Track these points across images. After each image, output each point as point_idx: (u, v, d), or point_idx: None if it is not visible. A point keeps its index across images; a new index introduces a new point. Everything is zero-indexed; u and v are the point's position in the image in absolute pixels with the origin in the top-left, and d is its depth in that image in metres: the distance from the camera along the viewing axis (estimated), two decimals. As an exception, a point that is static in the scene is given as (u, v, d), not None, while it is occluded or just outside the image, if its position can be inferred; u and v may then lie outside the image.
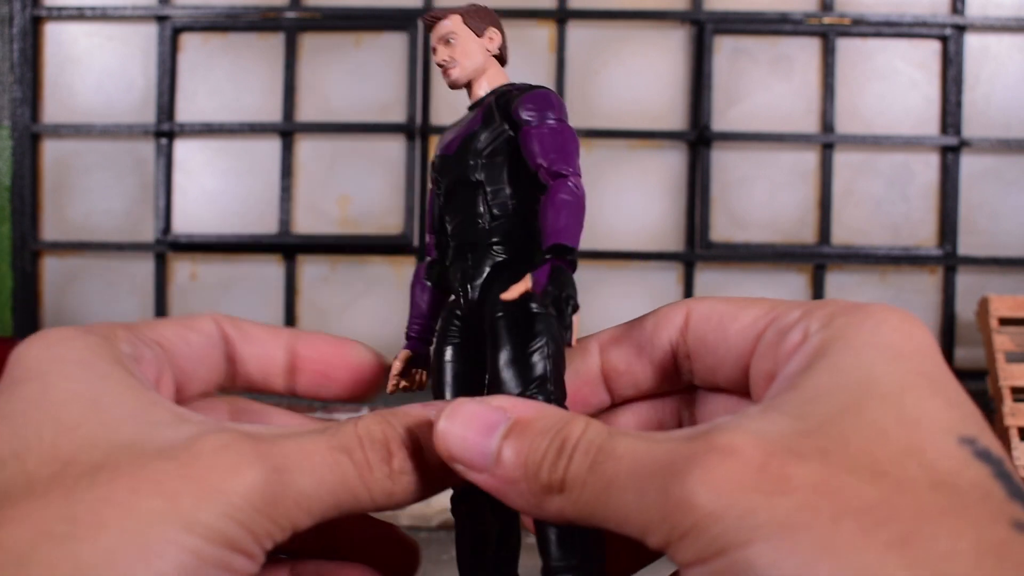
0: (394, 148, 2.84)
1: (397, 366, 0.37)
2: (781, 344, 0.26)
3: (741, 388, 0.28)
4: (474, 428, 0.25)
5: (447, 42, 0.39)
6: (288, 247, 2.86)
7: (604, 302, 2.90)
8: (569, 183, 0.34)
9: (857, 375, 0.23)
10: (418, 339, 0.38)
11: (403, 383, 0.37)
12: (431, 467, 0.26)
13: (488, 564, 0.32)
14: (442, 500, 2.58)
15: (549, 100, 0.37)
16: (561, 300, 0.30)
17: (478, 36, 0.39)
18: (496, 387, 0.32)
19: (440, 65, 0.40)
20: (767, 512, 0.20)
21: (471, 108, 0.39)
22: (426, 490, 0.27)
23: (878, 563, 0.19)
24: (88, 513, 0.21)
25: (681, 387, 0.31)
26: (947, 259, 2.84)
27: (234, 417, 0.33)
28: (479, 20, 0.39)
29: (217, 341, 0.34)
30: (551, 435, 0.24)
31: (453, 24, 0.39)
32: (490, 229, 0.34)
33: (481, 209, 0.34)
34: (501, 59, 0.41)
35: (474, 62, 0.39)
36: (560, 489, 0.23)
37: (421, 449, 0.26)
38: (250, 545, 0.23)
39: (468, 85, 0.40)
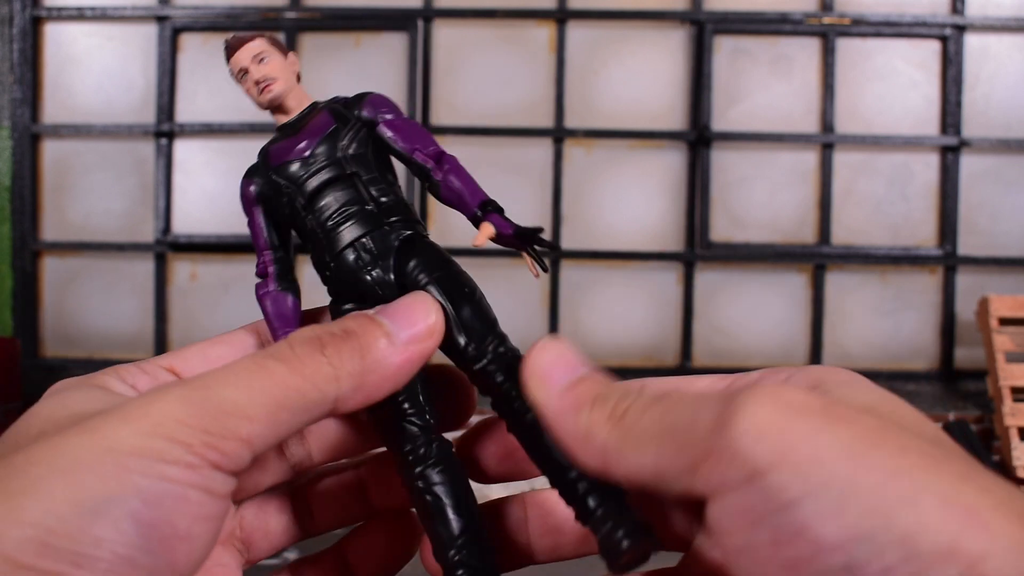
0: (394, 148, 2.84)
1: None
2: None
3: None
4: (564, 361, 0.27)
5: (260, 60, 0.40)
6: (288, 247, 2.86)
7: (604, 302, 2.90)
8: (453, 157, 0.37)
9: (858, 394, 0.24)
10: None
11: None
12: (374, 357, 0.27)
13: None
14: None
15: (391, 100, 0.40)
16: (533, 235, 0.33)
17: (284, 56, 0.41)
18: (462, 334, 0.33)
19: (258, 82, 0.40)
20: (830, 435, 0.20)
21: (291, 125, 0.40)
22: (372, 377, 0.27)
23: (953, 488, 0.19)
24: (22, 462, 0.23)
25: None
26: (947, 259, 2.84)
27: None
28: (280, 43, 0.41)
29: (249, 349, 0.33)
30: (629, 384, 0.26)
31: (261, 45, 0.40)
32: (380, 211, 0.36)
33: (365, 196, 0.36)
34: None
35: (288, 79, 0.41)
36: (621, 417, 0.24)
37: (360, 344, 0.27)
38: (184, 455, 0.23)
39: (279, 104, 0.41)
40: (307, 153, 0.37)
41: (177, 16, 2.83)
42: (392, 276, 0.35)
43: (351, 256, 0.35)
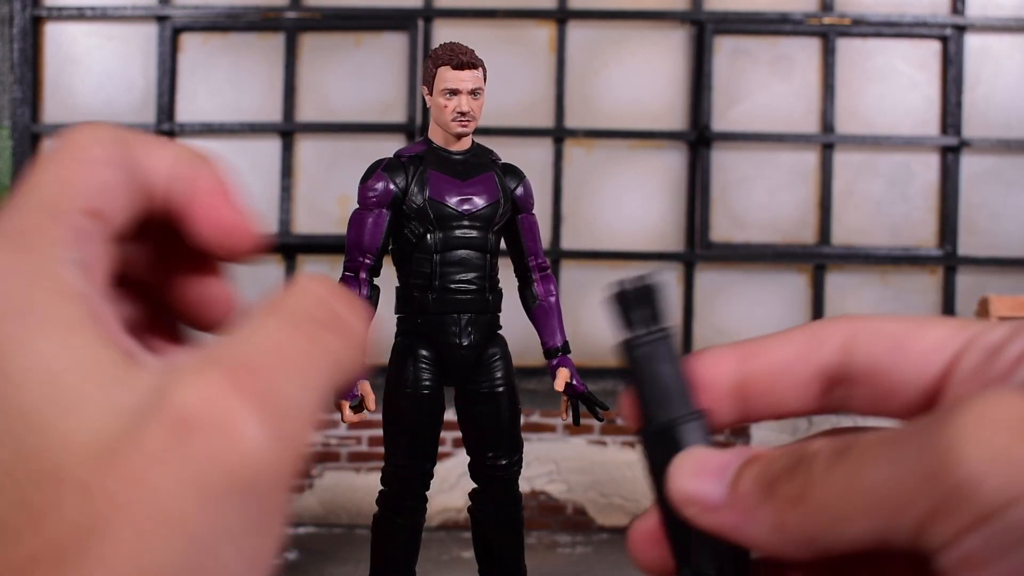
0: (394, 148, 2.81)
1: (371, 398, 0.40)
2: (992, 363, 0.22)
3: (913, 415, 0.25)
4: (709, 470, 0.23)
5: (475, 94, 0.41)
6: (288, 247, 2.87)
7: (603, 303, 2.89)
8: (554, 278, 0.42)
9: None
10: None
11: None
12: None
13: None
14: (442, 501, 2.59)
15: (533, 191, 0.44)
16: (595, 401, 0.40)
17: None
18: (490, 446, 0.38)
19: (463, 114, 0.41)
20: None
21: (456, 160, 0.41)
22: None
23: None
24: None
25: (822, 412, 0.28)
26: (947, 259, 2.84)
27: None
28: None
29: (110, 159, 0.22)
30: (787, 454, 0.22)
31: (481, 77, 0.40)
32: (492, 302, 0.41)
33: (489, 274, 0.41)
34: None
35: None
36: (800, 498, 0.21)
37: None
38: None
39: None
40: (468, 207, 0.40)
41: (177, 16, 2.83)
42: (471, 350, 0.39)
43: (452, 325, 0.39)
